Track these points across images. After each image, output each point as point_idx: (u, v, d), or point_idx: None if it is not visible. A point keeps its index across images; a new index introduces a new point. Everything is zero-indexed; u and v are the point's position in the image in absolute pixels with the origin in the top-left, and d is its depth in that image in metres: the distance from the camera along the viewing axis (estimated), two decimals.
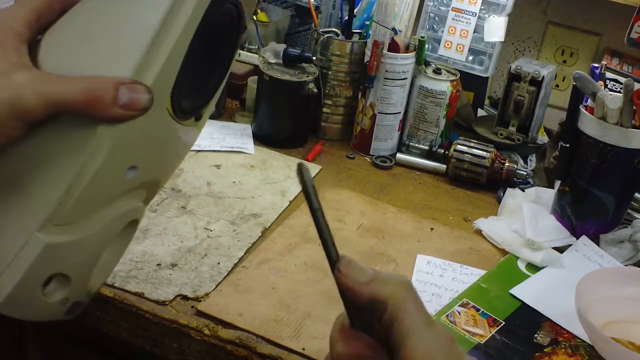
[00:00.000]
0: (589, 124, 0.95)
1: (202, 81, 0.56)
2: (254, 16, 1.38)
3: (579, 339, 0.80)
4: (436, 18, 1.29)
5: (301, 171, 0.49)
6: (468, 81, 1.24)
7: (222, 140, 1.13)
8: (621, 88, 0.94)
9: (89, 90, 0.44)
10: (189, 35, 0.48)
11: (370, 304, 0.46)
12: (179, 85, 0.50)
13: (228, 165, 1.07)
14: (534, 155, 1.21)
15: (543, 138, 1.24)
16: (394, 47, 1.13)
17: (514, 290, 0.87)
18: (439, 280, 0.87)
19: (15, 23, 0.48)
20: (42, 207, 0.47)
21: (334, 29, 1.22)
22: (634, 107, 0.91)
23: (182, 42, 0.48)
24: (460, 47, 1.26)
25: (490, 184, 1.12)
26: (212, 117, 1.20)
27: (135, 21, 0.47)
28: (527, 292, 0.86)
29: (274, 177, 1.06)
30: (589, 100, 0.96)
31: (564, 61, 1.37)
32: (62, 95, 0.44)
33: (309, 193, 0.50)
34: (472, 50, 1.26)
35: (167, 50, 0.46)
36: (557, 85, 1.36)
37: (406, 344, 0.44)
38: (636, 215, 1.05)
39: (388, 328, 0.45)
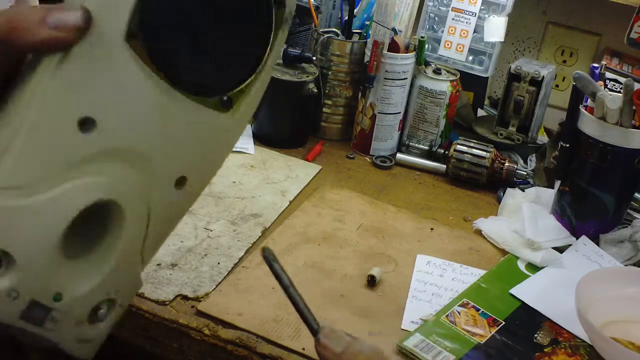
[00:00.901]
0: (588, 124, 0.95)
1: (218, 54, 0.47)
2: None
3: (579, 338, 0.80)
4: (436, 18, 1.29)
5: (265, 256, 0.48)
6: (468, 81, 1.24)
7: None
8: (621, 88, 0.94)
9: (12, 17, 0.39)
10: None
11: None
12: (152, 32, 0.43)
13: (228, 165, 1.07)
14: (533, 155, 1.22)
15: (543, 138, 1.24)
16: (394, 47, 1.13)
17: (514, 290, 0.87)
18: (439, 280, 0.87)
19: None
20: None
21: (334, 29, 1.22)
22: (634, 107, 0.91)
23: None
24: (460, 47, 1.26)
25: (490, 184, 1.12)
26: None
27: None
28: (527, 292, 0.87)
29: (274, 177, 1.06)
30: (589, 100, 0.96)
31: (564, 61, 1.37)
32: None
33: (278, 274, 0.49)
34: (472, 50, 1.26)
35: None
36: (557, 85, 1.36)
37: None
38: (636, 215, 1.05)
39: None
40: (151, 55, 0.43)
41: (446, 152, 1.15)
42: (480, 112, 1.32)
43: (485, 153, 1.11)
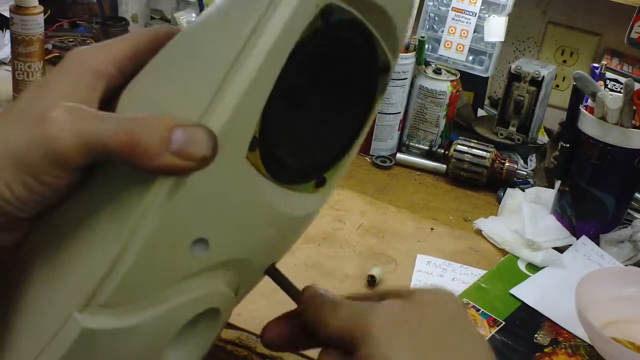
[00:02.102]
0: (589, 124, 0.95)
1: (318, 134, 0.43)
2: None
3: (579, 339, 0.80)
4: (436, 18, 1.28)
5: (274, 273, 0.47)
6: (468, 81, 1.24)
7: None
8: (621, 88, 0.94)
9: (133, 129, 0.34)
10: (273, 71, 0.36)
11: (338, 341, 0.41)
12: (270, 136, 0.38)
13: None
14: (534, 155, 1.21)
15: (543, 138, 1.24)
16: None
17: (514, 290, 0.86)
18: (439, 281, 0.87)
19: (99, 58, 0.39)
20: (85, 282, 0.37)
21: None
22: (634, 107, 0.91)
23: (263, 79, 0.36)
24: (460, 47, 1.26)
25: (490, 184, 1.12)
26: None
27: (210, 55, 0.37)
28: (527, 292, 0.86)
29: None
30: (589, 100, 0.96)
31: (564, 61, 1.37)
32: (99, 135, 0.35)
33: (288, 288, 0.48)
34: (472, 50, 1.26)
35: (242, 88, 0.35)
36: (557, 85, 1.36)
37: None
38: (636, 215, 1.05)
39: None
40: (265, 162, 0.39)
41: (446, 152, 1.15)
42: (481, 112, 1.32)
43: (485, 153, 1.11)
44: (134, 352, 0.40)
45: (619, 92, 0.96)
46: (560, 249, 0.96)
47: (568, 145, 0.98)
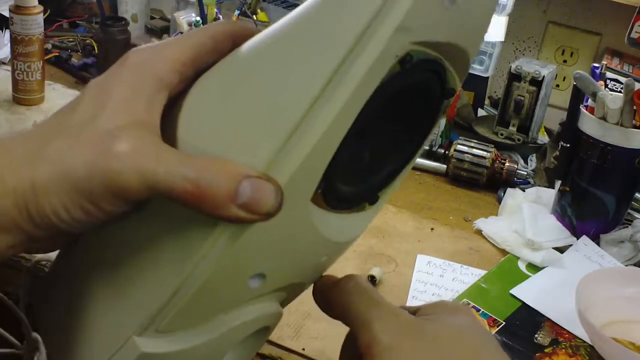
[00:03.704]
0: (589, 124, 0.95)
1: (376, 160, 0.42)
2: (254, 16, 1.38)
3: (580, 339, 0.80)
4: None
5: None
6: (468, 81, 1.22)
7: None
8: (621, 88, 0.94)
9: (201, 180, 0.33)
10: (347, 120, 0.35)
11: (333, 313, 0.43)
12: (334, 174, 0.37)
13: None
14: (534, 155, 1.21)
15: (543, 138, 1.24)
16: None
17: (514, 291, 0.86)
18: (439, 281, 0.87)
19: (160, 64, 0.37)
20: (144, 308, 0.38)
21: None
22: (635, 107, 0.91)
23: (336, 129, 0.34)
24: None
25: (491, 184, 1.12)
26: None
27: (286, 92, 0.34)
28: (528, 292, 0.86)
29: None
30: (590, 100, 0.96)
31: (565, 61, 1.37)
32: (166, 182, 0.34)
33: None
34: None
35: (316, 137, 0.34)
36: (557, 85, 1.36)
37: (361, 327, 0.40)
38: (636, 215, 1.05)
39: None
40: (326, 198, 0.39)
41: (446, 152, 1.15)
42: (481, 112, 1.32)
43: (485, 153, 1.11)
44: None
45: (620, 92, 0.96)
46: (561, 249, 0.96)
47: (568, 145, 0.98)
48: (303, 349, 0.72)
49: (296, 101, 0.34)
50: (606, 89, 1.01)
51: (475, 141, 1.14)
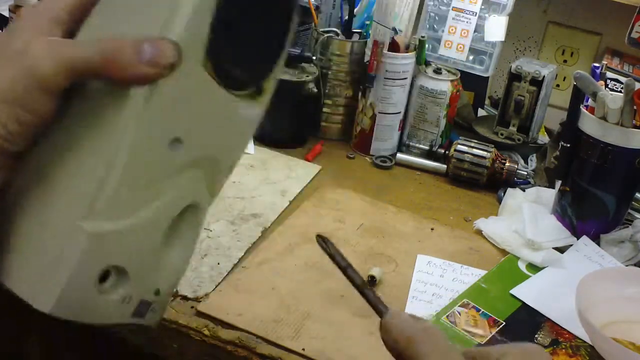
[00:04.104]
0: (589, 124, 0.95)
1: (252, 49, 0.51)
2: None
3: (580, 339, 0.80)
4: (436, 18, 1.28)
5: (319, 238, 0.51)
6: (468, 81, 1.24)
7: None
8: (622, 88, 0.94)
9: (108, 48, 0.41)
10: None
11: None
12: (217, 47, 0.45)
13: None
14: (534, 155, 1.21)
15: (544, 138, 1.24)
16: (394, 46, 1.13)
17: (515, 291, 0.86)
18: (439, 281, 0.87)
19: (51, 8, 0.45)
20: (83, 195, 0.43)
21: (334, 29, 1.22)
22: (635, 107, 0.91)
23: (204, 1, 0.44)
24: (460, 47, 1.26)
25: (491, 184, 1.12)
26: None
27: None
28: (528, 292, 0.86)
29: (274, 177, 1.06)
30: (590, 100, 0.96)
31: (565, 61, 1.37)
32: (78, 58, 0.41)
33: (333, 255, 0.53)
34: (472, 50, 1.26)
35: (190, 5, 0.43)
36: (557, 85, 1.36)
37: None
38: (637, 215, 1.05)
39: None
40: (217, 71, 0.46)
41: (446, 152, 1.15)
42: (481, 112, 1.32)
43: (485, 153, 1.11)
44: (136, 251, 0.47)
45: (620, 91, 0.96)
46: (561, 249, 0.96)
47: (568, 145, 0.98)
48: (303, 349, 0.72)
49: None
50: (606, 88, 1.00)
51: (476, 141, 1.14)
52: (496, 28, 1.23)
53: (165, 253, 0.50)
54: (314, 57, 1.16)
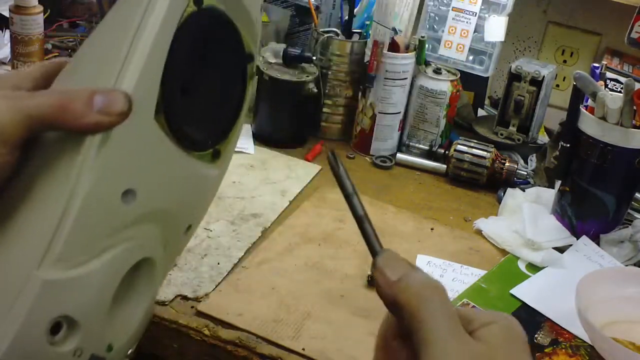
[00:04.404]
0: (589, 124, 0.95)
1: (206, 112, 0.53)
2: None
3: (580, 339, 0.80)
4: (436, 18, 1.28)
5: (330, 156, 0.48)
6: (468, 81, 1.24)
7: None
8: (621, 88, 0.94)
9: (62, 99, 0.43)
10: (163, 46, 0.47)
11: (395, 309, 0.43)
12: (170, 104, 0.48)
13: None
14: (534, 155, 1.21)
15: (543, 138, 1.24)
16: (394, 47, 1.13)
17: (514, 291, 0.86)
18: (439, 281, 0.87)
19: (15, 78, 0.47)
20: (38, 243, 0.44)
21: (334, 29, 1.22)
22: (634, 107, 0.91)
23: (156, 53, 0.46)
24: (460, 47, 1.26)
25: (491, 184, 1.12)
26: None
27: (112, 45, 0.47)
28: (528, 292, 0.86)
29: (274, 177, 1.06)
30: (590, 100, 0.96)
31: (564, 61, 1.37)
32: (34, 108, 0.43)
33: (341, 179, 0.49)
34: (472, 50, 1.26)
35: (141, 61, 0.45)
36: (557, 85, 1.36)
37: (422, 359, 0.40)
38: (636, 215, 1.05)
39: (411, 339, 0.41)
40: (171, 128, 0.48)
41: (446, 152, 1.15)
42: (481, 112, 1.32)
43: (485, 153, 1.11)
44: (88, 302, 0.47)
45: (619, 92, 0.96)
46: (561, 249, 0.96)
47: (568, 145, 0.98)
48: (303, 349, 0.73)
49: (121, 43, 0.45)
50: (606, 89, 1.01)
51: (475, 141, 1.14)
52: (496, 28, 1.24)
53: (119, 308, 0.50)
54: (314, 57, 1.16)
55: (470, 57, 1.27)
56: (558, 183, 1.02)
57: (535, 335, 0.80)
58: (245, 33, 0.53)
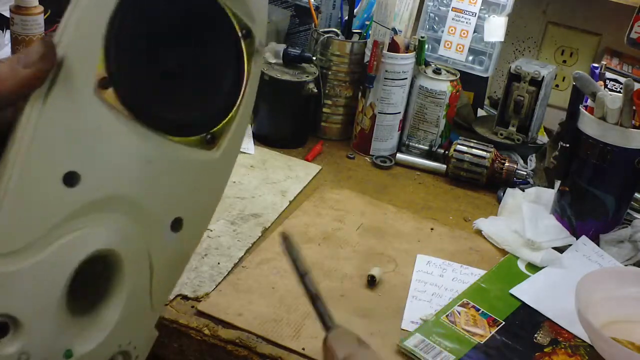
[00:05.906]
0: (589, 124, 0.95)
1: (196, 91, 0.48)
2: None
3: (579, 339, 0.80)
4: (436, 18, 1.29)
5: (284, 241, 0.47)
6: (468, 81, 1.24)
7: None
8: (621, 88, 0.94)
9: None
10: (104, 2, 0.43)
11: None
12: (125, 81, 0.43)
13: None
14: (534, 155, 1.22)
15: (543, 138, 1.24)
16: (394, 47, 1.13)
17: (514, 290, 0.87)
18: (439, 280, 0.87)
19: None
20: None
21: (334, 29, 1.22)
22: (634, 107, 0.91)
23: (95, 7, 0.42)
24: (460, 47, 1.26)
25: (490, 184, 1.12)
26: None
27: None
28: (527, 292, 0.86)
29: (274, 177, 1.06)
30: (589, 100, 0.96)
31: (564, 61, 1.37)
32: None
33: (294, 260, 0.48)
34: (472, 50, 1.26)
35: (78, 15, 0.42)
36: (557, 85, 1.36)
37: None
38: (636, 215, 1.05)
39: None
40: (124, 102, 0.43)
41: (446, 152, 1.15)
42: (481, 112, 1.32)
43: (485, 153, 1.11)
44: (33, 300, 0.42)
45: (619, 92, 0.96)
46: (560, 249, 0.96)
47: (568, 145, 0.98)
48: (303, 349, 0.73)
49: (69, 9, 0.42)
50: (605, 89, 1.01)
51: (475, 141, 1.14)
52: (496, 28, 1.24)
53: (82, 309, 0.45)
54: (314, 57, 1.16)
55: (470, 58, 1.27)
56: (558, 183, 1.02)
57: (535, 335, 0.80)
58: (235, 8, 0.47)
